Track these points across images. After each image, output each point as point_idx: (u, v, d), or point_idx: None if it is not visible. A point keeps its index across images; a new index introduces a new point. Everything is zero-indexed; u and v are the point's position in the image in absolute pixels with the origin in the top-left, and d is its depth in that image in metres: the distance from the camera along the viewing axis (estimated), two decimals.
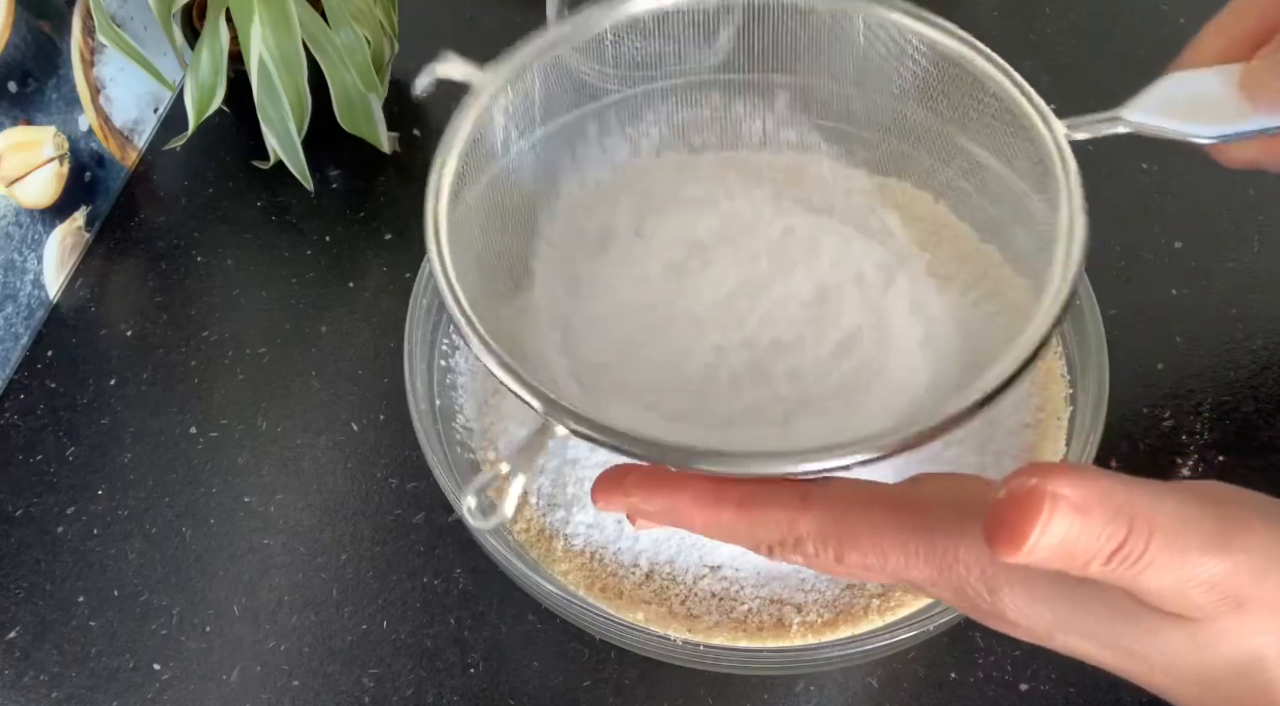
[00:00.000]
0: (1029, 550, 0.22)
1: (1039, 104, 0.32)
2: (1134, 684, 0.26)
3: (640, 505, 0.29)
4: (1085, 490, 0.23)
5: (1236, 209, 0.52)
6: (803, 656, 0.37)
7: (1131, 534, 0.23)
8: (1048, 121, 0.32)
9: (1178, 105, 0.33)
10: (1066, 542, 0.23)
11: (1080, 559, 0.23)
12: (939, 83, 0.34)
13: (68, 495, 0.47)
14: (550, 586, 0.37)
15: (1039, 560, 0.23)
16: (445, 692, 0.42)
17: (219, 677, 0.43)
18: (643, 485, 0.28)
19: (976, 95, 0.34)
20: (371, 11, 0.52)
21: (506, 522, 0.40)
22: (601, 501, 0.29)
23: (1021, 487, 0.23)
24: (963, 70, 0.34)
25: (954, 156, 0.36)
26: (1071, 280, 0.29)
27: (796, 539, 0.27)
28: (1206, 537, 0.23)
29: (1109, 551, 0.23)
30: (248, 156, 0.55)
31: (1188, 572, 0.23)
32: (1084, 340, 0.40)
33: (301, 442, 0.48)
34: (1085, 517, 0.22)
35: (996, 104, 0.33)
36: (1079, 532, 0.23)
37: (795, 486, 0.28)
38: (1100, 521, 0.23)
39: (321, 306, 0.52)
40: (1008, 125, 0.33)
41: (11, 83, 0.48)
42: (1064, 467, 0.23)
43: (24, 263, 0.50)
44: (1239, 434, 0.46)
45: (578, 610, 0.38)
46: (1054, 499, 0.22)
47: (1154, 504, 0.23)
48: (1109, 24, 0.56)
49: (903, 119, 0.37)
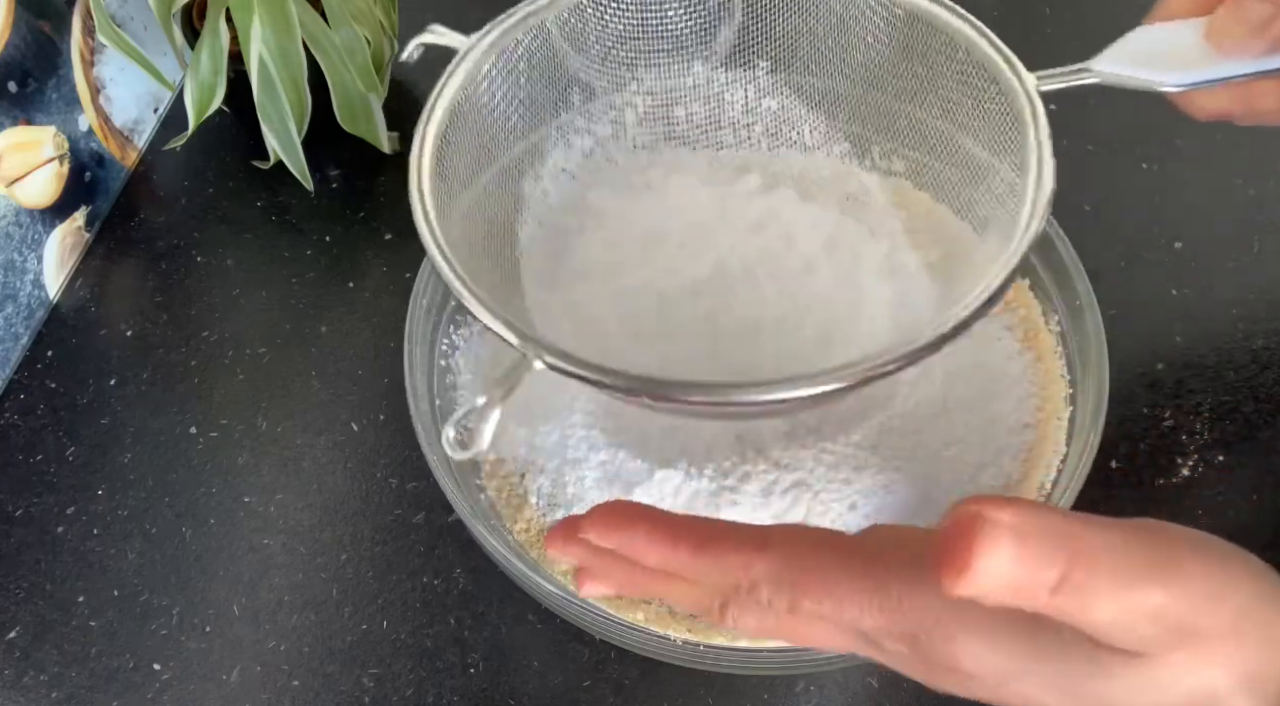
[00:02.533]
0: (974, 577, 0.23)
1: (1009, 56, 0.33)
2: None
3: (595, 541, 0.29)
4: (1024, 517, 0.23)
5: (1236, 209, 0.52)
6: (802, 656, 0.37)
7: (1074, 563, 0.23)
8: (1017, 72, 0.33)
9: (1145, 55, 0.34)
10: (1012, 572, 0.23)
11: (1027, 590, 0.23)
12: (915, 41, 0.36)
13: (68, 495, 0.47)
14: (550, 586, 0.37)
15: (988, 591, 0.23)
16: (445, 692, 0.42)
17: (219, 677, 0.43)
18: (599, 523, 0.28)
19: (948, 52, 0.35)
20: (371, 11, 0.52)
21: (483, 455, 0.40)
22: (556, 548, 0.29)
23: (964, 514, 0.23)
24: (934, 28, 0.35)
25: (928, 115, 0.37)
26: (1040, 214, 0.30)
27: (751, 583, 0.27)
28: (1146, 567, 0.23)
29: (1054, 581, 0.23)
30: (248, 156, 0.55)
31: (1132, 603, 0.23)
32: (1084, 340, 0.41)
33: (301, 442, 0.48)
34: (1024, 545, 0.23)
35: (967, 58, 0.34)
36: (1022, 562, 0.23)
37: (752, 530, 0.28)
38: (1042, 549, 0.23)
39: (321, 306, 0.52)
40: (981, 80, 0.34)
41: (11, 83, 0.48)
42: (1003, 498, 0.24)
43: (24, 263, 0.50)
44: (1239, 434, 0.46)
45: (578, 610, 0.38)
46: (995, 523, 0.23)
47: (1093, 535, 0.24)
48: None
49: (878, 80, 0.38)
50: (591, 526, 0.29)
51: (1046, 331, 0.43)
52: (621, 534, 0.28)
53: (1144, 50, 0.34)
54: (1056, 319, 0.43)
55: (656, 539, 0.28)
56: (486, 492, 0.41)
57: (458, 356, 0.44)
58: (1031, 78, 0.33)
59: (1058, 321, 0.43)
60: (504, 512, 0.41)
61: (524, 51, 0.36)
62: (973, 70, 0.34)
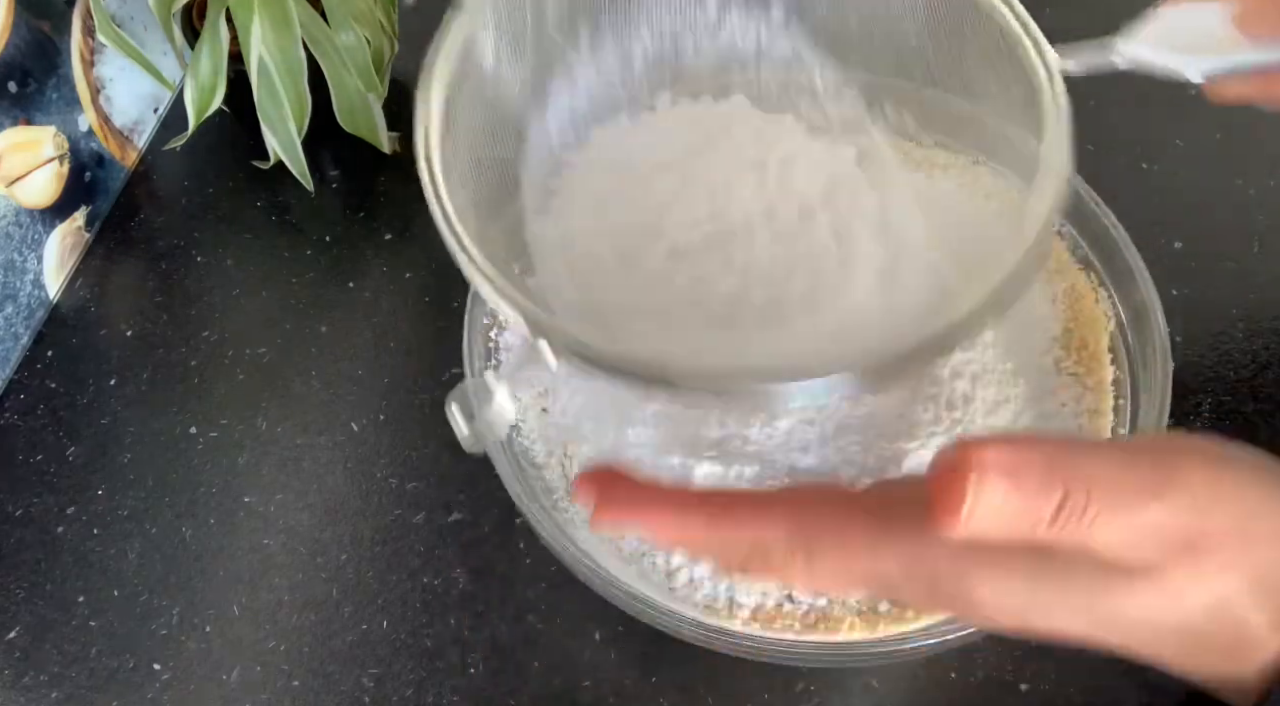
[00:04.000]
0: (966, 519, 0.23)
1: (1033, 29, 0.33)
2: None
3: (615, 515, 0.29)
4: (1013, 453, 0.23)
5: (1236, 209, 0.52)
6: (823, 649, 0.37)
7: (1070, 490, 0.23)
8: (1040, 48, 0.32)
9: (1172, 38, 0.33)
10: (1006, 509, 0.23)
11: (1025, 522, 0.23)
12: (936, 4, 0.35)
13: (68, 495, 0.47)
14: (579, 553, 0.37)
15: (984, 529, 0.23)
16: (445, 692, 0.42)
17: (219, 677, 0.43)
18: (617, 505, 0.29)
19: (970, 17, 0.34)
20: (371, 11, 0.52)
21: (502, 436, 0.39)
22: (580, 498, 0.29)
23: (950, 459, 0.23)
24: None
25: (946, 76, 0.36)
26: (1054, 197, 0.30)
27: (765, 549, 0.27)
28: (1144, 483, 0.23)
29: (1051, 511, 0.23)
30: (248, 156, 0.55)
31: (1135, 520, 0.23)
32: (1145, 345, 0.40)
33: (301, 442, 0.48)
34: (1016, 478, 0.23)
35: (990, 26, 0.33)
36: (1016, 496, 0.23)
37: (760, 497, 0.28)
38: (1035, 481, 0.23)
39: (321, 306, 0.52)
40: (1000, 52, 0.33)
41: (11, 83, 0.48)
42: (992, 436, 0.24)
43: (24, 263, 0.50)
44: (1239, 434, 0.46)
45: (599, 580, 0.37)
46: (980, 463, 0.23)
47: (1088, 458, 0.23)
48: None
49: (897, 40, 0.37)
50: (608, 507, 0.29)
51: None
52: (634, 517, 0.28)
53: (1169, 31, 0.33)
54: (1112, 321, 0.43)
55: (667, 521, 0.28)
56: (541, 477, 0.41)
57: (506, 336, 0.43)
58: (1054, 54, 0.32)
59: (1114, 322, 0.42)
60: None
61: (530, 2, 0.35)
62: (992, 42, 0.33)
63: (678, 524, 0.28)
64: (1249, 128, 0.40)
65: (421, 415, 0.48)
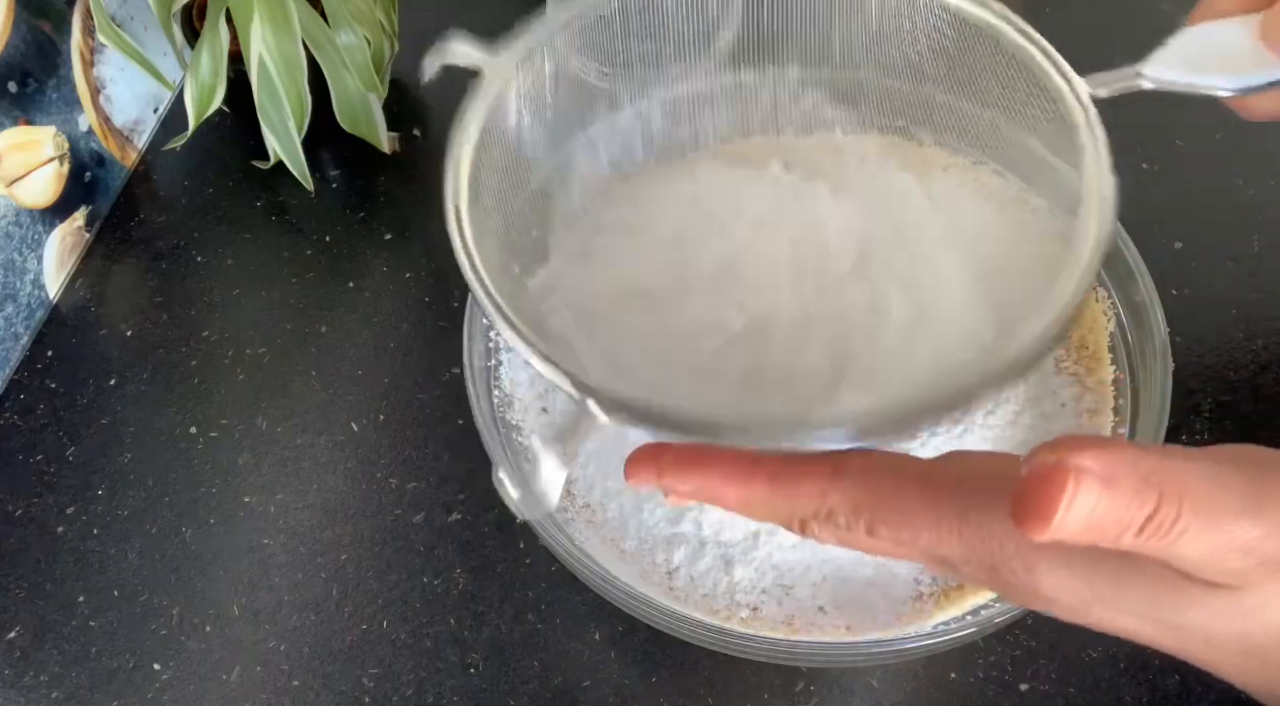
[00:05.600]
0: (1056, 527, 0.22)
1: (1059, 62, 0.32)
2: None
3: (674, 485, 0.28)
4: (1110, 461, 0.22)
5: (1236, 209, 0.52)
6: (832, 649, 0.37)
7: (1162, 502, 0.22)
8: (1069, 79, 0.32)
9: (1197, 58, 0.32)
10: (1095, 517, 0.22)
11: (1112, 532, 0.22)
12: (954, 45, 0.34)
13: (68, 495, 0.47)
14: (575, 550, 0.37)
15: (1069, 536, 0.22)
16: (445, 692, 0.42)
17: (219, 677, 0.43)
18: (675, 466, 0.28)
19: (993, 56, 0.33)
20: (371, 11, 0.52)
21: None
22: (634, 479, 0.29)
23: (1044, 464, 0.22)
24: (979, 31, 0.33)
25: (971, 121, 0.36)
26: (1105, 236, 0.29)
27: (828, 512, 0.27)
28: (1241, 500, 0.23)
29: (1140, 522, 0.22)
30: (248, 156, 0.55)
31: (1223, 538, 0.22)
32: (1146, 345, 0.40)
33: (301, 442, 0.48)
34: (1112, 490, 0.22)
35: (1014, 63, 0.33)
36: (1107, 505, 0.22)
37: (827, 458, 0.27)
38: (1128, 492, 0.22)
39: (321, 306, 0.52)
40: (1028, 84, 0.33)
41: (11, 83, 0.48)
42: (1087, 440, 0.23)
43: (24, 263, 0.50)
44: (1239, 434, 0.46)
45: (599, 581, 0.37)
46: (1078, 473, 0.22)
47: (1183, 470, 0.23)
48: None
49: (919, 85, 0.36)
50: (668, 469, 0.28)
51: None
52: (698, 479, 0.28)
53: (1195, 52, 0.32)
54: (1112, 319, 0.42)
55: (732, 478, 0.28)
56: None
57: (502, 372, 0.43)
58: (1084, 84, 0.32)
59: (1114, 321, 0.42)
60: None
61: (549, 68, 0.35)
62: (1018, 74, 0.33)
63: (743, 480, 0.28)
64: (1249, 128, 0.40)
65: (421, 415, 0.48)
